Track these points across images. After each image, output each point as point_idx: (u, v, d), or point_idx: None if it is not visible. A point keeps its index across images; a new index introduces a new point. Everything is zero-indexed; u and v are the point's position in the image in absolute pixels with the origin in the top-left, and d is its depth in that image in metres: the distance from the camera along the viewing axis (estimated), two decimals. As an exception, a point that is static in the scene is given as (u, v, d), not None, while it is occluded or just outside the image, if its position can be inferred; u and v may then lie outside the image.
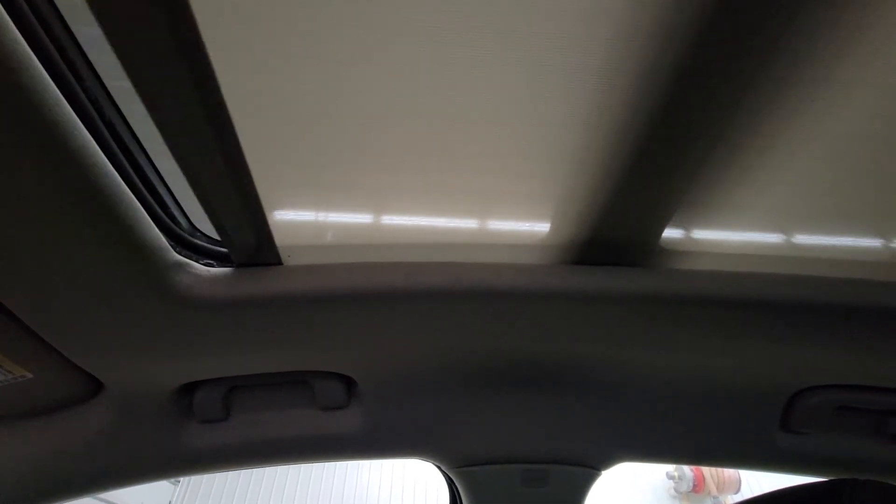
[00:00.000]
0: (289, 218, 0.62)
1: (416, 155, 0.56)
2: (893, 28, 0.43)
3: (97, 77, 0.55)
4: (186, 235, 0.68)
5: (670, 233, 0.66)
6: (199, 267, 0.66)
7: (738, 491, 6.28)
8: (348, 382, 0.82)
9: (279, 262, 0.66)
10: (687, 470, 6.31)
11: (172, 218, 0.68)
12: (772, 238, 0.69)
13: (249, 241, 0.63)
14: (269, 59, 0.45)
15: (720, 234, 0.67)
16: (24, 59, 0.42)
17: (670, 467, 6.49)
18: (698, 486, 6.28)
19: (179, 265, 0.63)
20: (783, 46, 0.45)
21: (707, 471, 6.22)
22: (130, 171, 0.60)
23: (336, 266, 0.69)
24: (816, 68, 0.46)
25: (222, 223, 0.59)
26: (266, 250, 0.64)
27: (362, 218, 0.64)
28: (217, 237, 0.71)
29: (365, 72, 0.47)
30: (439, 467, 1.00)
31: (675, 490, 6.50)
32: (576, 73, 0.48)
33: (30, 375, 0.66)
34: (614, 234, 0.67)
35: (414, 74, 0.47)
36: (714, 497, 6.39)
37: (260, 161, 0.54)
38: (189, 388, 0.79)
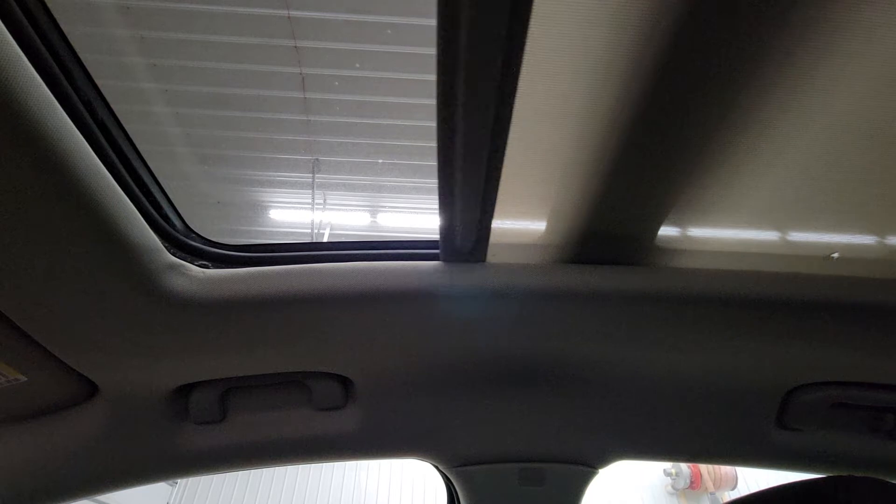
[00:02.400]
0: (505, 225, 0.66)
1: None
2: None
3: (89, 77, 0.54)
4: (181, 237, 0.68)
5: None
6: (193, 268, 0.65)
7: (734, 487, 6.32)
8: (345, 383, 0.82)
9: (483, 260, 0.70)
10: (684, 467, 6.35)
11: (167, 219, 0.67)
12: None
13: (471, 240, 0.65)
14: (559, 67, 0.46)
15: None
16: (14, 59, 0.41)
17: (667, 464, 6.52)
18: (695, 482, 6.32)
19: (174, 267, 0.63)
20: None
21: (704, 468, 6.26)
22: (124, 172, 0.60)
23: (333, 268, 0.68)
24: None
25: (455, 221, 0.61)
26: (479, 249, 0.67)
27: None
28: (208, 237, 0.71)
29: None
30: (437, 467, 1.00)
31: (673, 487, 6.54)
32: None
33: (24, 379, 0.66)
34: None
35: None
36: (711, 493, 6.42)
37: (513, 163, 0.55)
38: (185, 390, 0.78)
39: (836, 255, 0.68)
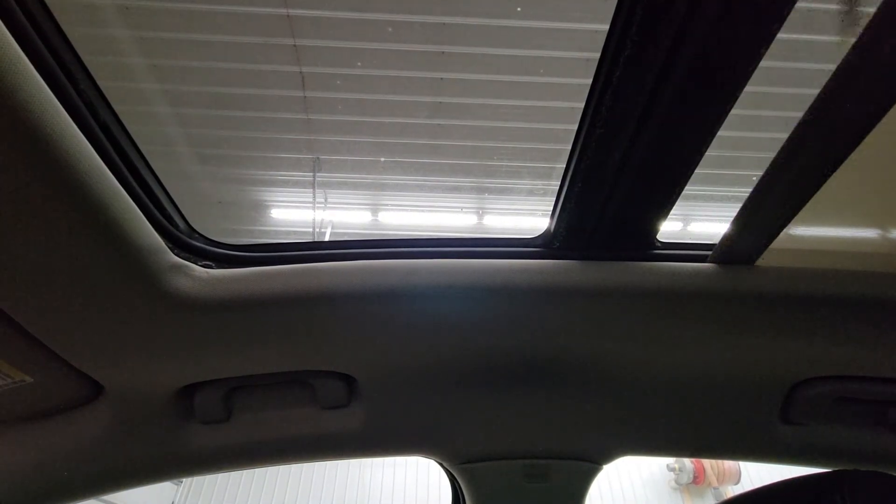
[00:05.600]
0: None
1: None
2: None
3: (91, 79, 0.54)
4: (184, 237, 0.68)
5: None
6: (197, 269, 0.65)
7: (738, 482, 6.31)
8: (349, 381, 0.82)
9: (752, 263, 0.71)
10: (687, 462, 6.34)
11: (170, 220, 0.67)
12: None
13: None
14: None
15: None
16: (16, 61, 0.41)
17: (671, 460, 6.52)
18: (699, 477, 6.32)
19: (178, 267, 0.63)
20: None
21: (707, 463, 6.25)
22: (126, 173, 0.60)
23: (336, 266, 0.68)
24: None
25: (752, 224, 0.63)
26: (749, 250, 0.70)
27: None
28: (212, 238, 0.71)
29: None
30: (441, 464, 1.00)
31: (676, 482, 6.53)
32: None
33: (30, 379, 0.66)
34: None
35: None
36: (714, 489, 6.42)
37: None
38: (190, 390, 0.78)
39: None
